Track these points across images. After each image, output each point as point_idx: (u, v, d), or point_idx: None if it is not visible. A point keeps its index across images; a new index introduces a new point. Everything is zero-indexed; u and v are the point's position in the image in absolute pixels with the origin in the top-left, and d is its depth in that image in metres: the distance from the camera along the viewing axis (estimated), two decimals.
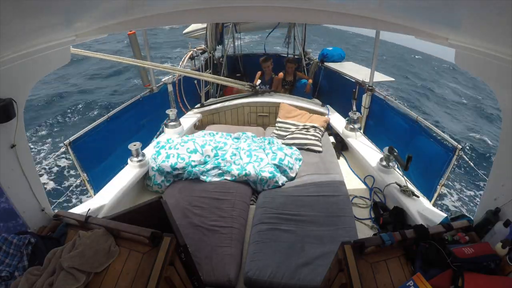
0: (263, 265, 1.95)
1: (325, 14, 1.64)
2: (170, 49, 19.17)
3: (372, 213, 2.67)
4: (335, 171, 2.98)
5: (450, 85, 17.85)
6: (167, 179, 2.87)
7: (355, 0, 1.54)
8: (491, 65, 1.36)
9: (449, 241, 1.54)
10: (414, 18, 1.51)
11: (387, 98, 3.52)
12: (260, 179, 2.78)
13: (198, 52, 4.76)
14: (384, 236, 1.50)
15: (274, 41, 8.06)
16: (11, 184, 1.53)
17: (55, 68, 1.67)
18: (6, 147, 1.48)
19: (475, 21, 1.22)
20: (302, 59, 5.79)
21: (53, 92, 10.92)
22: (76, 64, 14.24)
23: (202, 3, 1.66)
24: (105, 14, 1.52)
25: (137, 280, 1.37)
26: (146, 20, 1.73)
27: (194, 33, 5.92)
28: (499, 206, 1.54)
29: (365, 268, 1.42)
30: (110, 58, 3.36)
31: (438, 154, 2.67)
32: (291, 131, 3.62)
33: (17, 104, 1.41)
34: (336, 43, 23.47)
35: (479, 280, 1.30)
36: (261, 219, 2.35)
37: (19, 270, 1.42)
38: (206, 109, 4.15)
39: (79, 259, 1.39)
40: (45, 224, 1.74)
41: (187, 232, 2.19)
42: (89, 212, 1.71)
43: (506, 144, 1.51)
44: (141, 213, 1.74)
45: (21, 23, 1.11)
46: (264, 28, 6.53)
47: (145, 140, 3.19)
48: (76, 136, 2.59)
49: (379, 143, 3.32)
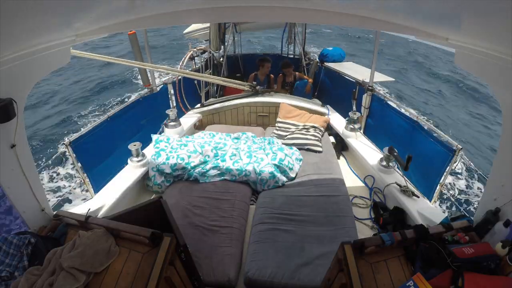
0: (263, 265, 1.95)
1: (325, 14, 1.64)
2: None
3: (372, 213, 2.67)
4: (335, 171, 2.98)
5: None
6: (167, 179, 2.87)
7: (355, 0, 1.54)
8: (491, 65, 1.36)
9: (449, 241, 1.53)
10: (414, 18, 1.51)
11: (387, 98, 3.52)
12: (260, 179, 2.78)
13: (198, 52, 4.76)
14: (384, 236, 1.50)
15: (274, 41, 8.04)
16: (11, 184, 1.54)
17: (55, 68, 1.67)
18: (6, 147, 1.48)
19: (475, 21, 1.22)
20: (302, 59, 5.79)
21: (52, 89, 10.87)
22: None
23: (202, 3, 1.66)
24: (105, 14, 1.52)
25: (137, 280, 1.37)
26: (146, 20, 1.73)
27: (194, 33, 5.93)
28: (499, 206, 1.54)
29: (365, 268, 1.42)
30: (111, 60, 3.35)
31: (438, 154, 2.67)
32: (291, 131, 3.62)
33: (17, 104, 1.41)
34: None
35: (479, 280, 1.30)
36: (261, 219, 2.35)
37: (19, 270, 1.42)
38: (206, 109, 4.15)
39: (79, 259, 1.39)
40: (45, 224, 1.74)
41: (187, 232, 2.19)
42: (89, 212, 1.71)
43: (506, 144, 1.50)
44: (141, 213, 1.74)
45: (21, 23, 1.11)
46: (264, 28, 6.53)
47: (145, 140, 3.18)
48: (76, 136, 2.59)
49: (379, 143, 3.31)
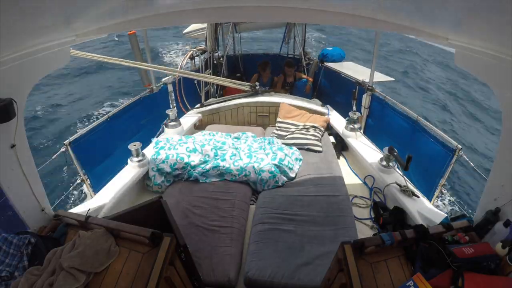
0: (263, 265, 1.95)
1: (325, 14, 1.64)
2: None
3: (372, 213, 2.67)
4: (335, 171, 2.98)
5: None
6: (167, 179, 2.87)
7: (355, 0, 1.54)
8: (491, 65, 1.36)
9: (449, 241, 1.53)
10: (414, 18, 1.50)
11: (387, 98, 3.52)
12: (260, 179, 2.78)
13: (198, 52, 4.76)
14: (384, 236, 1.50)
15: (274, 41, 7.98)
16: (11, 184, 1.54)
17: (55, 68, 1.67)
18: (6, 147, 1.48)
19: (475, 21, 1.22)
20: (302, 59, 5.79)
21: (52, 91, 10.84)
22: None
23: (202, 3, 1.66)
24: (105, 14, 1.52)
25: (137, 280, 1.37)
26: (146, 20, 1.73)
27: (194, 33, 5.92)
28: (499, 206, 1.54)
29: (365, 268, 1.42)
30: (110, 60, 3.35)
31: (438, 154, 2.67)
32: (291, 131, 3.62)
33: (17, 104, 1.41)
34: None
35: (479, 280, 1.30)
36: (261, 219, 2.35)
37: (19, 270, 1.42)
38: (206, 109, 4.15)
39: (79, 259, 1.39)
40: (45, 224, 1.74)
41: (187, 232, 2.19)
42: (89, 212, 1.71)
43: (506, 144, 1.50)
44: (141, 213, 1.74)
45: (21, 23, 1.11)
46: (264, 28, 6.52)
47: (145, 140, 3.18)
48: (76, 136, 2.59)
49: (379, 143, 3.31)
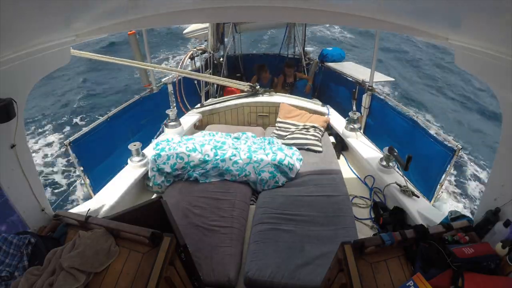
0: (263, 265, 1.95)
1: (325, 14, 1.64)
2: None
3: (372, 213, 2.67)
4: (335, 171, 2.98)
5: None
6: (167, 179, 2.87)
7: (355, 0, 1.54)
8: (491, 65, 1.36)
9: (449, 241, 1.53)
10: (414, 18, 1.50)
11: (387, 98, 3.52)
12: (260, 179, 2.78)
13: (198, 52, 4.76)
14: (384, 236, 1.50)
15: (274, 41, 7.96)
16: (11, 184, 1.54)
17: (55, 68, 1.67)
18: (6, 147, 1.48)
19: (475, 21, 1.22)
20: (302, 59, 5.79)
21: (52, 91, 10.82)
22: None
23: (202, 3, 1.66)
24: (105, 14, 1.52)
25: (137, 280, 1.37)
26: (146, 20, 1.73)
27: (194, 33, 5.91)
28: (499, 206, 1.54)
29: (365, 268, 1.42)
30: (110, 60, 3.35)
31: (438, 154, 2.68)
32: (291, 131, 3.62)
33: (17, 104, 1.41)
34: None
35: (479, 280, 1.30)
36: (261, 219, 2.35)
37: (19, 270, 1.42)
38: (206, 109, 4.15)
39: (79, 259, 1.39)
40: (45, 224, 1.74)
41: (187, 232, 2.19)
42: (89, 212, 1.71)
43: (506, 144, 1.51)
44: (141, 213, 1.74)
45: (21, 23, 1.11)
46: (265, 28, 6.51)
47: (145, 140, 3.19)
48: (76, 136, 2.59)
49: (379, 143, 3.31)
